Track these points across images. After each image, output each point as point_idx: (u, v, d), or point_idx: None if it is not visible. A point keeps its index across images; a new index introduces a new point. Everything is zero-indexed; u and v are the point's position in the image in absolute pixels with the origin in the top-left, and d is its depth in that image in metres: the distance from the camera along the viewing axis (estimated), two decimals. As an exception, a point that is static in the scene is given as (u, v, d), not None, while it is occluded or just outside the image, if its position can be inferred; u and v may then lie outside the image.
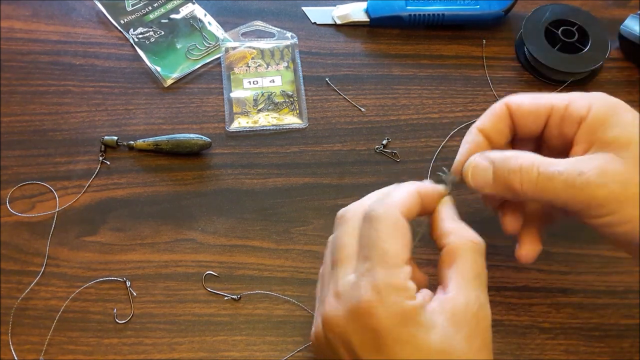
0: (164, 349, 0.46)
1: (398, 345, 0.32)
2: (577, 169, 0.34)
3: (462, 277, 0.34)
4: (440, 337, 0.32)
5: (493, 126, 0.39)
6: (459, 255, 0.35)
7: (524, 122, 0.38)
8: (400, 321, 0.32)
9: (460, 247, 0.35)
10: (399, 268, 0.33)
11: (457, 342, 0.32)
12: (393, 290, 0.32)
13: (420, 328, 0.32)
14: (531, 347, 0.46)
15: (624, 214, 0.34)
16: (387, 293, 0.32)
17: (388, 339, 0.32)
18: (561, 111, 0.37)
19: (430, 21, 0.61)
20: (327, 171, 0.54)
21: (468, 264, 0.34)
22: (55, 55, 0.59)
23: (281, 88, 0.58)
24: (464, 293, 0.33)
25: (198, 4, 0.62)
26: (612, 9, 0.64)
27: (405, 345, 0.32)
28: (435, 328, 0.32)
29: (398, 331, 0.32)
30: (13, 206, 0.51)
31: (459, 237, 0.35)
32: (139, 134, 0.55)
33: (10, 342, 0.46)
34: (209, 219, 0.51)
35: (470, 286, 0.34)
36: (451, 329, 0.32)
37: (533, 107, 0.38)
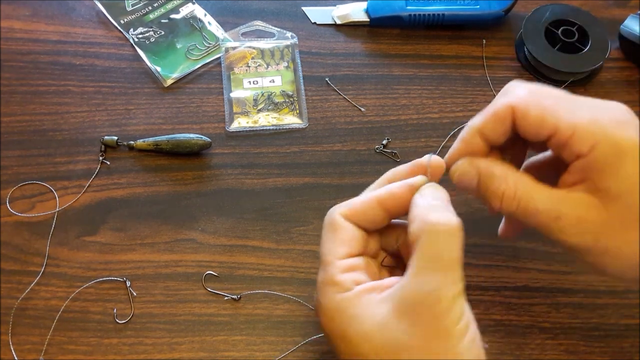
0: (164, 349, 0.46)
1: (337, 339, 0.34)
2: (556, 212, 0.34)
3: (415, 263, 0.33)
4: (378, 327, 0.32)
5: (493, 128, 0.37)
6: (416, 241, 0.33)
7: (525, 131, 0.36)
8: (332, 315, 0.34)
9: (417, 233, 0.33)
10: (330, 265, 0.36)
11: (399, 331, 0.31)
12: (324, 287, 0.35)
13: (351, 320, 0.33)
14: (531, 347, 0.46)
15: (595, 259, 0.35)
16: (322, 291, 0.35)
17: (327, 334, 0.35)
18: (564, 138, 0.34)
19: (430, 21, 0.61)
20: (327, 171, 0.54)
21: (423, 248, 0.33)
22: (55, 55, 0.59)
23: (281, 88, 0.58)
24: (414, 279, 0.32)
25: (198, 4, 0.62)
26: (612, 9, 0.64)
27: (340, 339, 0.33)
28: (372, 318, 0.32)
29: (331, 326, 0.34)
30: (13, 206, 0.51)
31: (418, 222, 0.34)
32: (139, 134, 0.55)
33: (10, 342, 0.46)
34: (209, 219, 0.51)
35: (423, 271, 0.32)
36: (393, 318, 0.32)
37: (539, 122, 0.35)
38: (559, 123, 0.34)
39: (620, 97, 0.59)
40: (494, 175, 0.36)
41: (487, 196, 0.37)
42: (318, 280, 0.36)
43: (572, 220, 0.34)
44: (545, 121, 0.35)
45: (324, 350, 0.46)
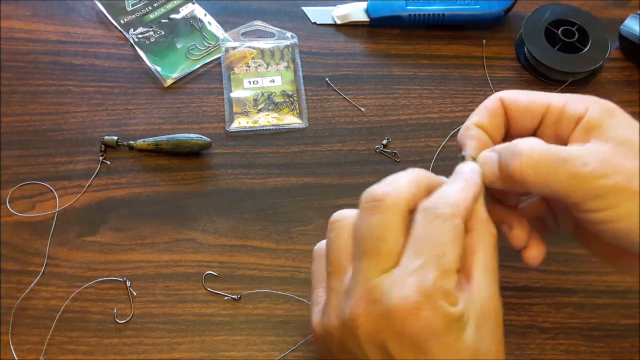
0: (164, 349, 0.46)
1: (439, 349, 0.31)
2: (581, 159, 0.33)
3: (485, 269, 0.33)
4: (472, 335, 0.31)
5: (490, 122, 0.37)
6: (483, 244, 0.34)
7: (518, 119, 0.37)
8: (446, 327, 0.30)
9: (485, 236, 0.34)
10: (451, 274, 0.31)
11: (483, 337, 0.32)
12: (442, 295, 0.30)
13: (460, 332, 0.31)
14: (531, 347, 0.46)
15: (623, 208, 0.33)
16: (437, 297, 0.30)
17: (431, 342, 0.30)
18: (558, 110, 0.36)
19: (430, 21, 0.61)
20: (327, 171, 0.54)
21: (490, 255, 0.34)
22: (55, 55, 0.59)
23: (281, 88, 0.58)
24: (488, 286, 0.33)
25: (198, 4, 0.62)
26: (612, 9, 0.64)
27: (445, 348, 0.31)
28: (468, 326, 0.32)
29: (442, 336, 0.30)
30: (13, 206, 0.51)
31: (485, 226, 0.34)
32: (139, 134, 0.55)
33: (10, 342, 0.46)
34: (209, 219, 0.51)
35: (492, 278, 0.33)
36: (479, 325, 0.32)
37: (528, 105, 0.37)
38: (549, 100, 0.37)
39: (620, 97, 0.59)
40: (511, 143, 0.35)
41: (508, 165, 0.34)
42: (426, 281, 0.30)
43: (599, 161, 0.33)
44: (535, 100, 0.37)
45: (324, 350, 0.46)
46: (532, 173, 0.33)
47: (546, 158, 0.33)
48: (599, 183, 0.32)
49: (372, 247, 0.32)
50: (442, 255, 0.31)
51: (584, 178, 0.32)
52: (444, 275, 0.31)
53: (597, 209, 0.33)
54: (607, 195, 0.32)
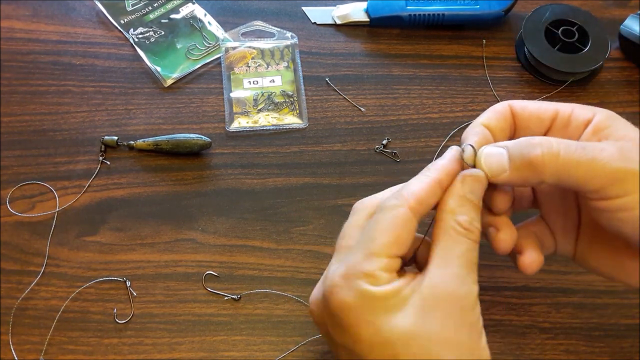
0: (164, 349, 0.46)
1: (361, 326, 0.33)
2: (599, 147, 0.34)
3: (443, 256, 0.34)
4: (409, 319, 0.32)
5: (497, 124, 0.38)
6: (443, 234, 0.34)
7: (527, 124, 0.38)
8: (362, 303, 0.33)
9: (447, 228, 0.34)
10: (376, 257, 0.33)
11: (427, 323, 0.32)
12: (359, 275, 0.33)
13: (387, 311, 0.32)
14: (531, 347, 0.46)
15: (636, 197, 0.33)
16: (353, 277, 0.33)
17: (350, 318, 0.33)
18: (567, 115, 0.37)
19: (430, 21, 0.61)
20: (327, 171, 0.54)
21: (451, 243, 0.34)
22: (55, 55, 0.59)
23: (281, 88, 0.58)
24: (441, 272, 0.33)
25: (198, 4, 0.62)
26: (612, 9, 0.64)
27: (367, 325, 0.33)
28: (403, 311, 0.32)
29: (360, 312, 0.33)
30: (13, 206, 0.51)
31: (451, 216, 0.34)
32: (139, 134, 0.55)
33: (10, 342, 0.46)
34: (209, 219, 0.51)
35: (451, 264, 0.33)
36: (422, 311, 0.32)
37: (538, 110, 0.38)
38: (557, 107, 0.38)
39: (620, 97, 0.59)
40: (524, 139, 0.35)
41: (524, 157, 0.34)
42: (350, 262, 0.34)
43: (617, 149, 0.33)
44: (544, 107, 0.38)
45: (324, 350, 0.46)
46: (553, 160, 0.34)
47: (566, 145, 0.34)
48: (619, 166, 0.33)
49: (337, 244, 0.37)
50: (370, 241, 0.34)
51: (604, 161, 0.33)
52: (366, 258, 0.33)
53: (616, 195, 0.33)
54: (626, 180, 0.33)
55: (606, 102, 0.58)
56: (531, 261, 0.39)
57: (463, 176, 0.35)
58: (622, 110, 0.58)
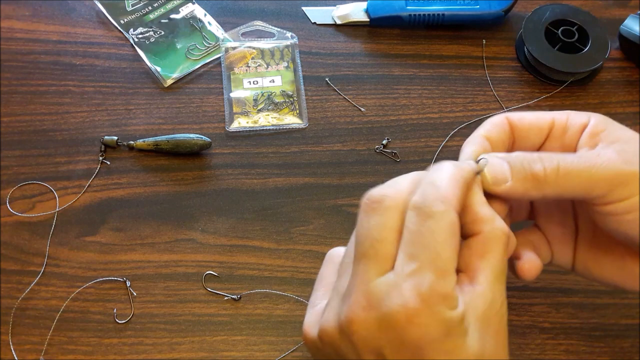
0: (164, 349, 0.46)
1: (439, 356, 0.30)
2: (595, 153, 0.34)
3: (493, 271, 0.32)
4: (475, 340, 0.31)
5: (496, 136, 0.38)
6: (491, 246, 0.32)
7: (526, 134, 0.38)
8: (445, 333, 0.30)
9: (494, 239, 0.32)
10: (449, 275, 0.30)
11: (487, 341, 0.31)
12: (441, 299, 0.29)
13: (461, 337, 0.30)
14: (531, 347, 0.46)
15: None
16: (435, 302, 0.29)
17: (430, 350, 0.29)
18: (563, 123, 0.38)
19: (430, 21, 0.61)
20: (327, 171, 0.54)
21: (499, 257, 0.32)
22: (55, 55, 0.59)
23: (281, 88, 0.58)
24: (492, 288, 0.32)
25: (198, 4, 0.62)
26: (612, 9, 0.64)
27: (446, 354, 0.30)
28: (469, 331, 0.31)
29: (442, 343, 0.30)
30: (13, 206, 0.51)
31: (494, 227, 0.33)
32: (139, 134, 0.55)
33: (10, 342, 0.46)
34: (209, 219, 0.51)
35: (498, 280, 0.32)
36: (482, 329, 0.31)
37: (535, 121, 0.38)
38: (553, 115, 0.38)
39: (620, 97, 0.59)
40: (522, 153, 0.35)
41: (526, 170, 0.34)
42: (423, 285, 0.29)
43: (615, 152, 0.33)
44: (541, 116, 0.38)
45: (324, 350, 0.46)
46: (554, 174, 0.34)
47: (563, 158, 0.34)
48: (619, 169, 0.33)
49: (370, 249, 0.31)
50: (437, 256, 0.30)
51: (603, 167, 0.33)
52: (441, 278, 0.30)
53: (619, 199, 0.33)
54: (627, 182, 0.33)
55: (606, 102, 0.58)
56: (530, 266, 0.38)
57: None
58: (622, 110, 0.58)
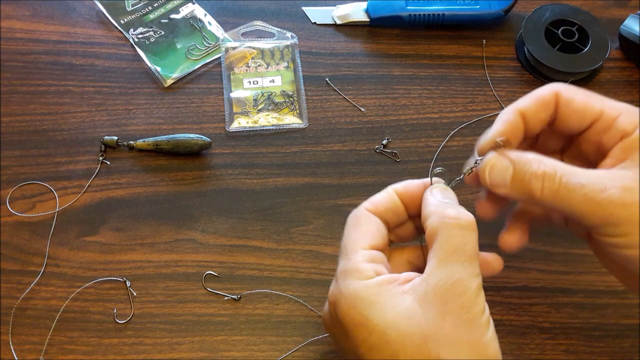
0: (164, 349, 0.46)
1: (355, 329, 0.33)
2: (601, 184, 0.33)
3: (437, 256, 0.34)
4: (404, 315, 0.32)
5: (535, 112, 0.37)
6: (436, 234, 0.34)
7: (568, 117, 0.37)
8: (353, 303, 0.33)
9: (437, 226, 0.34)
10: (353, 253, 0.35)
11: (426, 320, 0.32)
12: (346, 274, 0.35)
13: (373, 307, 0.32)
14: (531, 347, 0.46)
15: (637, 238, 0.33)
16: (342, 278, 0.35)
17: (345, 323, 0.34)
18: (610, 121, 0.36)
19: (430, 21, 0.61)
20: (327, 171, 0.54)
21: (444, 240, 0.34)
22: (55, 55, 0.59)
23: (281, 88, 0.58)
24: (437, 271, 0.33)
25: (198, 4, 0.62)
26: (612, 9, 0.64)
27: (360, 327, 0.33)
28: (397, 307, 0.32)
29: (352, 313, 0.33)
30: (13, 206, 0.51)
31: (437, 216, 0.35)
32: (139, 134, 0.55)
33: (10, 342, 0.46)
34: (209, 219, 0.51)
35: (446, 263, 0.33)
36: (418, 308, 0.32)
37: (584, 107, 0.36)
38: (603, 107, 0.36)
39: (620, 97, 0.58)
40: (530, 160, 0.35)
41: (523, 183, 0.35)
42: (338, 270, 0.36)
43: (618, 189, 0.32)
44: (591, 105, 0.36)
45: (325, 351, 0.46)
46: (551, 196, 0.34)
47: (567, 180, 0.33)
48: (615, 211, 0.32)
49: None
50: (344, 247, 0.37)
51: (600, 204, 0.33)
52: (345, 259, 0.36)
53: (611, 234, 0.33)
54: (622, 224, 0.33)
55: (606, 102, 0.58)
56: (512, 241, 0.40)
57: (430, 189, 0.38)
58: (622, 110, 0.58)
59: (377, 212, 0.38)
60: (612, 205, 0.32)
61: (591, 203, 0.33)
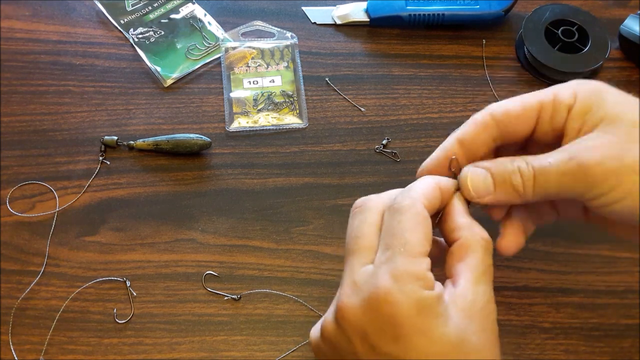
0: (164, 349, 0.46)
1: (416, 335, 0.32)
2: (567, 155, 0.34)
3: (472, 272, 0.34)
4: (456, 329, 0.32)
5: (475, 137, 0.38)
6: (470, 250, 0.35)
7: (514, 127, 0.38)
8: (419, 310, 0.32)
9: (472, 243, 0.35)
10: (419, 257, 0.33)
11: (470, 335, 0.32)
12: (412, 278, 0.32)
13: (438, 319, 0.32)
14: (531, 347, 0.46)
15: (622, 189, 0.33)
16: (406, 281, 0.32)
17: (405, 327, 0.32)
18: (550, 105, 0.37)
19: (430, 21, 0.61)
20: (327, 171, 0.54)
21: (478, 259, 0.34)
22: (55, 55, 0.59)
23: (281, 88, 0.58)
24: (474, 288, 0.34)
25: (198, 4, 0.62)
26: (612, 9, 0.64)
27: (422, 335, 0.32)
28: (450, 320, 0.32)
29: (416, 320, 0.32)
30: (13, 206, 0.51)
31: (471, 232, 0.35)
32: (139, 134, 0.55)
33: (10, 342, 0.46)
34: (209, 219, 0.51)
35: (479, 281, 0.34)
36: (465, 322, 0.32)
37: (522, 110, 0.37)
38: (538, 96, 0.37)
39: (620, 97, 0.58)
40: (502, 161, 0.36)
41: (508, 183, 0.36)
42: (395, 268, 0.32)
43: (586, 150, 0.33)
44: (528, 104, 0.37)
45: (324, 350, 0.46)
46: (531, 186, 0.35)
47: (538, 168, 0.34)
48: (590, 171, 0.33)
49: (354, 245, 0.35)
50: (405, 241, 0.33)
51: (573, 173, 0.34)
52: (411, 259, 0.32)
53: (597, 196, 0.34)
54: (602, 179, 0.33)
55: (606, 102, 0.58)
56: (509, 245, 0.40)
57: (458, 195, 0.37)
58: (622, 110, 0.58)
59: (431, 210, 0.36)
60: (584, 167, 0.33)
61: (565, 175, 0.34)
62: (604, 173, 0.33)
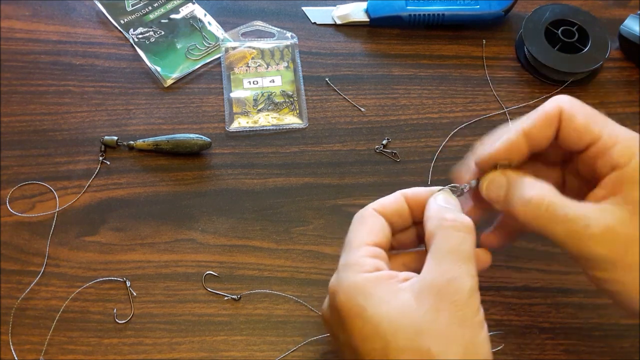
0: (164, 349, 0.46)
1: (350, 317, 0.34)
2: (585, 220, 0.33)
3: (434, 255, 0.35)
4: (396, 308, 0.33)
5: (539, 130, 0.37)
6: (433, 236, 0.36)
7: (568, 135, 0.36)
8: (352, 294, 0.34)
9: (435, 228, 0.36)
10: (356, 248, 0.36)
11: (420, 316, 0.32)
12: (347, 267, 0.36)
13: (370, 299, 0.33)
14: (531, 347, 0.46)
15: (618, 276, 0.34)
16: (343, 270, 0.36)
17: (343, 312, 0.34)
18: (606, 147, 0.35)
19: (430, 21, 0.61)
20: (327, 171, 0.54)
21: (440, 241, 0.35)
22: (55, 55, 0.59)
23: (281, 88, 0.58)
24: (432, 270, 0.34)
25: (198, 4, 0.62)
26: (612, 9, 0.64)
27: (356, 316, 0.33)
28: (393, 301, 0.33)
29: (349, 304, 0.34)
30: (13, 206, 0.51)
31: (435, 218, 0.36)
32: (139, 134, 0.55)
33: (10, 342, 0.46)
34: (209, 219, 0.51)
35: (441, 262, 0.34)
36: (414, 304, 0.33)
37: (584, 127, 0.36)
38: (602, 131, 0.35)
39: (620, 97, 0.59)
40: (523, 182, 0.36)
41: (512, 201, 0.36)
42: (340, 263, 0.37)
43: (602, 228, 0.33)
44: (590, 128, 0.36)
45: (324, 351, 0.46)
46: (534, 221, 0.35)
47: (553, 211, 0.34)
48: (595, 249, 0.33)
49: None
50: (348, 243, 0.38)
51: (581, 239, 0.33)
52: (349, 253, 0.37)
53: (592, 268, 0.34)
54: (603, 261, 0.34)
55: (606, 102, 0.58)
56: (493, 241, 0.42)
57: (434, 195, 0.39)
58: (622, 110, 0.58)
59: (383, 212, 0.39)
60: (592, 242, 0.33)
61: (573, 236, 0.34)
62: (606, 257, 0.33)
